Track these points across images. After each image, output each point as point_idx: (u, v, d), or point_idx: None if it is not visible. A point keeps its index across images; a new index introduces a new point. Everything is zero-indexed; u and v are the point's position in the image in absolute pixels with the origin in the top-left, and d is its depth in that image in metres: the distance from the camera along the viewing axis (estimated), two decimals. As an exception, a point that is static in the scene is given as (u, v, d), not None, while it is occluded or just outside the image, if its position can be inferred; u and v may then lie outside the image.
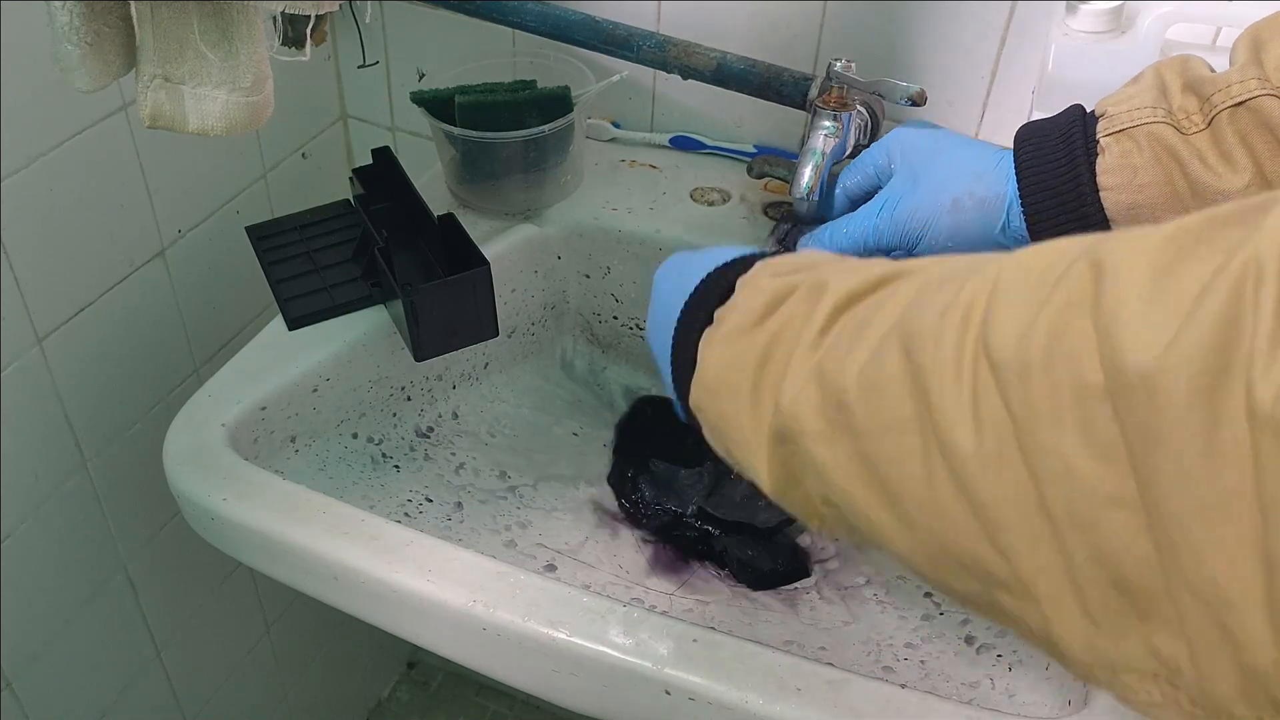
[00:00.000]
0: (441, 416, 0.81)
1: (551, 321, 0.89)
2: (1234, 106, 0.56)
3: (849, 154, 0.73)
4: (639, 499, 0.79)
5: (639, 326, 0.89)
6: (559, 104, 0.80)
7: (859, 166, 0.68)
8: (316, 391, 0.73)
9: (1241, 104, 0.55)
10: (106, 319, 0.83)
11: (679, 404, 0.50)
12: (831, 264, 0.44)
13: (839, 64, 0.70)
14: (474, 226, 0.77)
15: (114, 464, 0.88)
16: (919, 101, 0.68)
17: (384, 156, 0.81)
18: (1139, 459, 0.27)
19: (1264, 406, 0.25)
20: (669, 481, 0.80)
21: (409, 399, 0.79)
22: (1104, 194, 0.58)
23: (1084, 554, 0.29)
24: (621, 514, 0.78)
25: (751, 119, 0.90)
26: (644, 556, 0.75)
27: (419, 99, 0.81)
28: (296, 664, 1.26)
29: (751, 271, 0.47)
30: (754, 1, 0.83)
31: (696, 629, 0.56)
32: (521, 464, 0.80)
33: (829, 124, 0.70)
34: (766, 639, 0.62)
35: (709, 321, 0.47)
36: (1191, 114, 0.57)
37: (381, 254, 0.73)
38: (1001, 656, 0.65)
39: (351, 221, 0.82)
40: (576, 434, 0.85)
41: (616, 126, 0.94)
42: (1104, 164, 0.58)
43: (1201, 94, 0.57)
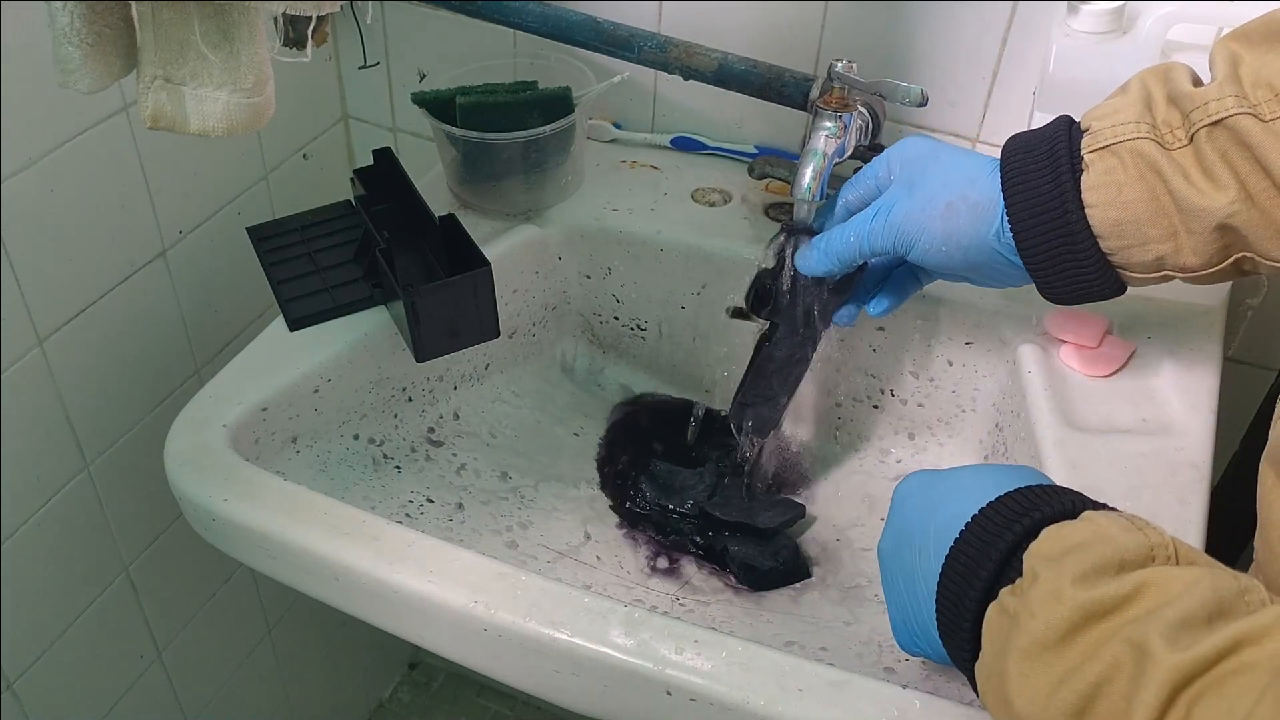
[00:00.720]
0: (443, 417, 0.81)
1: (552, 322, 0.89)
2: (1211, 125, 0.55)
3: (850, 155, 0.73)
4: (640, 499, 0.79)
5: (640, 327, 0.88)
6: (560, 105, 0.80)
7: (860, 180, 0.68)
8: (318, 392, 0.73)
9: (1218, 122, 0.55)
10: (108, 320, 0.83)
11: (935, 637, 0.49)
12: (1141, 574, 0.41)
13: (840, 64, 0.70)
14: (475, 227, 0.77)
15: (115, 465, 0.88)
16: (921, 102, 0.68)
17: (385, 157, 0.81)
18: None
19: None
20: (670, 482, 0.80)
21: (410, 400, 0.79)
22: (1089, 210, 0.58)
23: None
24: (623, 515, 0.78)
25: (752, 120, 0.90)
26: (645, 557, 0.75)
27: (420, 100, 0.81)
28: (298, 665, 1.26)
29: (1038, 552, 0.44)
30: (755, 2, 0.83)
31: (698, 629, 0.56)
32: (523, 464, 0.80)
33: (830, 125, 0.70)
34: (768, 640, 0.62)
35: (988, 588, 0.46)
36: (1175, 128, 0.57)
37: (383, 255, 0.73)
38: (1003, 657, 0.65)
39: (353, 222, 0.82)
40: (577, 434, 0.85)
41: (617, 127, 0.94)
42: (1088, 180, 0.58)
43: (1183, 109, 0.56)
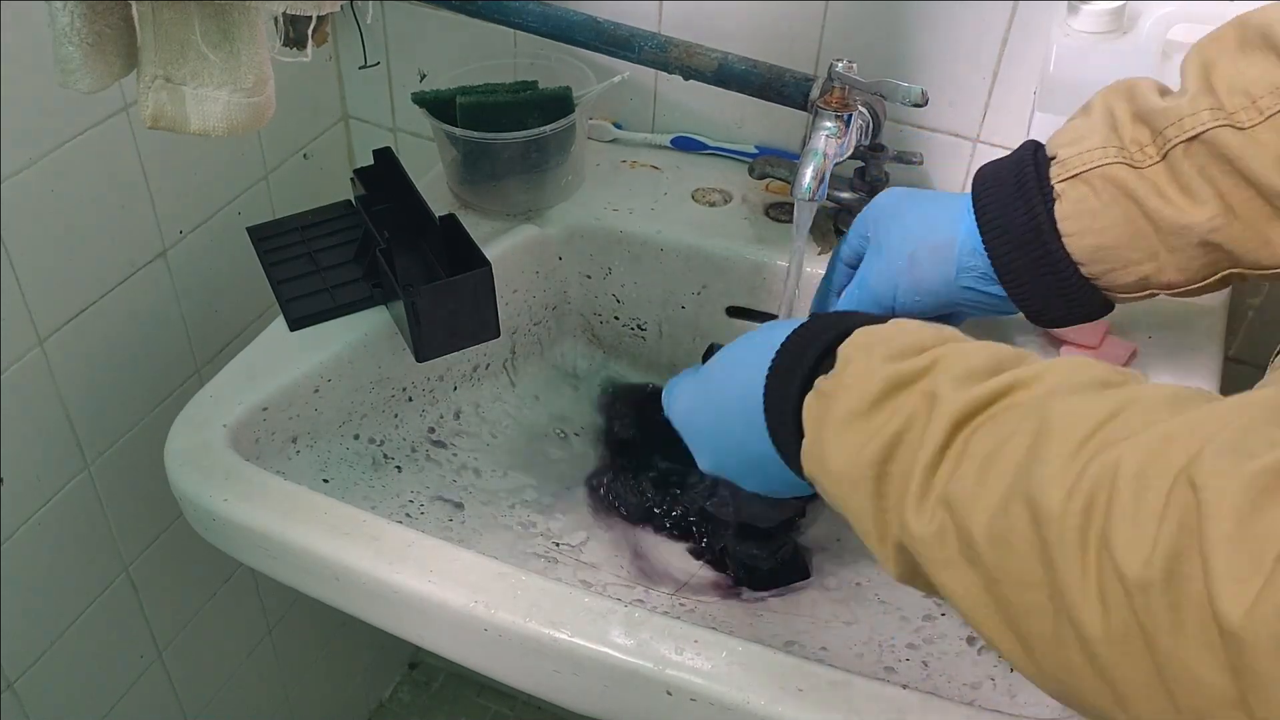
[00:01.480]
0: (443, 417, 0.81)
1: (553, 322, 0.89)
2: (1187, 141, 0.54)
3: (850, 154, 0.73)
4: (640, 499, 0.79)
5: (640, 327, 0.88)
6: (560, 105, 0.80)
7: (850, 239, 0.68)
8: (318, 392, 0.73)
9: (1194, 138, 0.54)
10: (108, 320, 0.83)
11: (773, 447, 0.50)
12: (938, 350, 0.43)
13: (840, 64, 0.70)
14: (475, 227, 0.77)
15: (116, 465, 0.88)
16: (921, 102, 0.68)
17: (385, 157, 0.81)
18: (1249, 691, 0.29)
19: None
20: (670, 481, 0.80)
21: (410, 400, 0.79)
22: (1067, 239, 0.58)
23: None
24: (623, 514, 0.78)
25: (753, 120, 0.90)
26: (645, 557, 0.75)
27: (420, 100, 0.81)
28: (298, 665, 1.26)
29: (853, 342, 0.46)
30: (755, 2, 0.83)
31: (698, 629, 0.56)
32: (523, 464, 0.80)
33: (831, 125, 0.70)
34: (768, 639, 0.62)
35: (807, 382, 0.46)
36: (1145, 146, 0.56)
37: (383, 255, 0.73)
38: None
39: (353, 222, 0.82)
40: (578, 434, 0.85)
41: (618, 127, 0.94)
42: (1061, 210, 0.58)
43: (1154, 126, 0.55)
